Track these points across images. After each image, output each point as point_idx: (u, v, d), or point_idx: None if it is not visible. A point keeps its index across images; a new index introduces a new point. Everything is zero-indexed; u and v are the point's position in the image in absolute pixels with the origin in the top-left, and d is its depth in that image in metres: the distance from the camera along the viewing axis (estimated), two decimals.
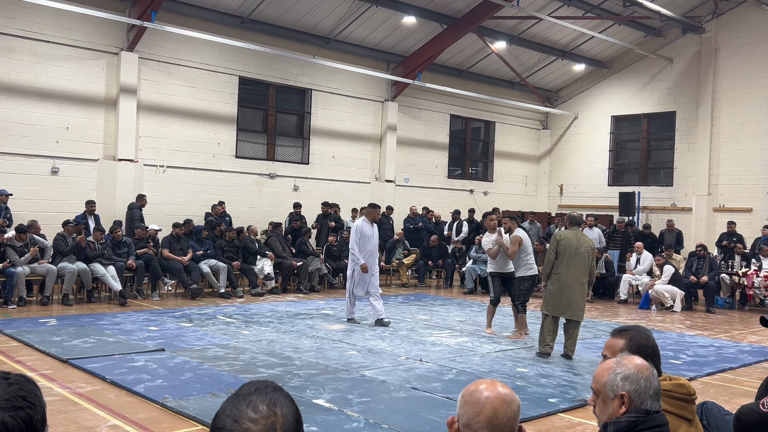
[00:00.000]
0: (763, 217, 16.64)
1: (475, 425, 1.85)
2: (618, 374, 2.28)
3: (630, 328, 2.90)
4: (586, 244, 7.83)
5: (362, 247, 9.73)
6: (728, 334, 10.38)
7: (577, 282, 7.75)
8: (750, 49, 17.27)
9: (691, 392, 2.65)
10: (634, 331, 2.86)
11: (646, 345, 2.76)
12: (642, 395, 2.24)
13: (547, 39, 18.24)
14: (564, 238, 7.84)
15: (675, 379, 2.67)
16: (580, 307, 7.79)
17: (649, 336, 2.84)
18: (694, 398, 2.67)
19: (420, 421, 5.34)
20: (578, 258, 7.73)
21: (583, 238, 7.91)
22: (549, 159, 21.43)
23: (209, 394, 5.83)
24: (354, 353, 7.77)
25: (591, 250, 7.86)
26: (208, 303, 11.43)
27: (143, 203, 13.01)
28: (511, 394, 1.88)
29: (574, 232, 7.92)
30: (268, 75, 15.45)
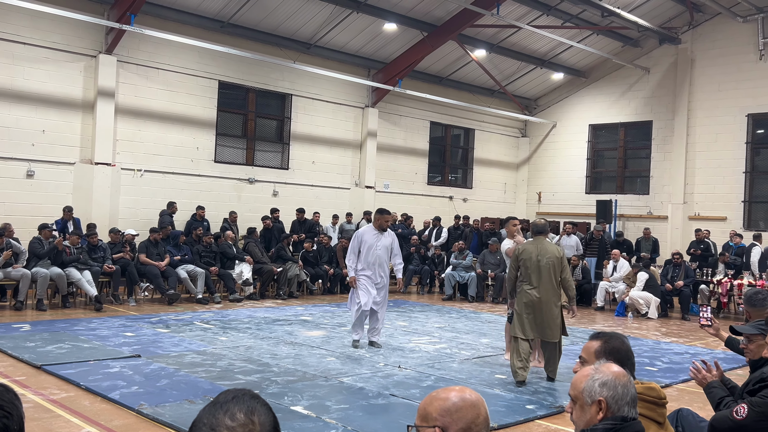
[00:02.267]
0: (737, 225, 16.90)
1: (475, 428, 1.85)
2: (596, 380, 2.31)
3: (607, 333, 2.96)
4: (548, 255, 7.00)
5: (363, 256, 8.50)
6: (703, 341, 10.50)
7: (544, 298, 6.96)
8: (725, 60, 17.55)
9: (662, 396, 2.69)
10: (609, 336, 2.92)
11: (620, 349, 2.81)
12: (619, 401, 2.26)
13: (526, 48, 18.39)
14: (524, 250, 7.11)
15: (646, 383, 2.71)
16: (551, 326, 7.00)
17: (624, 341, 2.88)
18: (664, 402, 2.71)
19: (398, 428, 5.34)
20: (541, 271, 6.97)
21: (545, 248, 7.08)
22: (527, 166, 21.58)
23: (186, 401, 5.77)
24: (332, 360, 7.74)
25: (556, 261, 7.00)
26: (185, 309, 11.33)
27: (174, 210, 13.47)
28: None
29: (536, 243, 7.13)
30: (248, 80, 15.40)
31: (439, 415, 1.85)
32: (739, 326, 3.46)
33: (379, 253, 8.52)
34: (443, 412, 1.86)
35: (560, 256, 7.08)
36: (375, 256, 8.50)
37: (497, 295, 14.40)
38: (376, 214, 8.77)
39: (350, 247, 8.65)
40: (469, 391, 1.94)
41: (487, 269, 14.65)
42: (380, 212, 8.78)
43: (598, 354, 2.83)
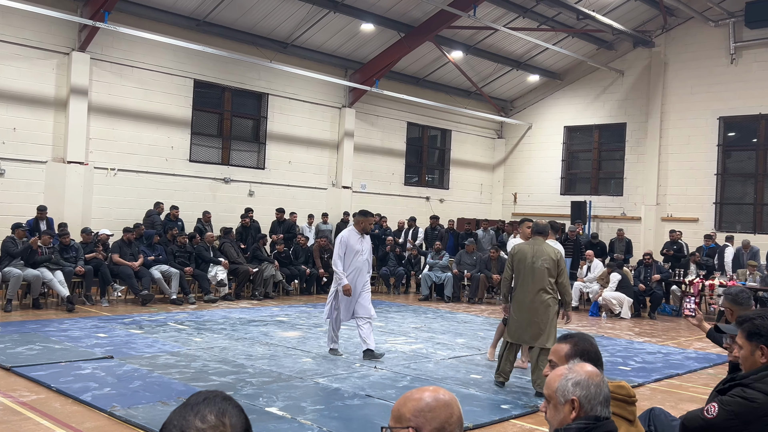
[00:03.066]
0: (708, 227, 17.15)
1: (449, 427, 1.85)
2: (569, 380, 2.32)
3: (575, 335, 2.99)
4: (544, 256, 6.72)
5: (348, 262, 7.91)
6: (675, 341, 10.64)
7: (537, 301, 6.68)
8: (697, 64, 17.81)
9: (631, 394, 2.72)
10: (578, 337, 2.94)
11: (590, 350, 2.83)
12: (592, 401, 2.28)
13: (502, 50, 18.50)
14: (519, 251, 6.86)
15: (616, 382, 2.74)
16: (544, 332, 6.62)
17: (593, 342, 2.91)
18: (634, 400, 2.74)
19: (374, 428, 5.33)
20: (535, 273, 6.70)
21: (542, 249, 6.80)
22: (503, 167, 21.71)
23: (159, 403, 5.71)
24: (308, 360, 7.71)
25: (552, 263, 6.70)
26: (159, 309, 11.21)
27: (161, 210, 13.48)
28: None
29: (532, 243, 6.87)
30: (224, 78, 15.30)
31: (413, 416, 1.85)
32: (723, 326, 3.50)
33: (364, 258, 8.01)
34: (417, 413, 1.85)
35: (557, 258, 6.76)
36: (360, 261, 7.96)
37: (473, 295, 14.46)
38: (359, 216, 8.21)
39: (336, 252, 7.95)
40: (442, 391, 1.94)
41: (463, 269, 14.70)
42: (363, 214, 8.22)
43: (567, 356, 2.85)
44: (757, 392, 2.78)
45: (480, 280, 14.43)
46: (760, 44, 16.74)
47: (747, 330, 3.02)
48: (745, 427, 2.76)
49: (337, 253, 7.96)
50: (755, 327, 2.98)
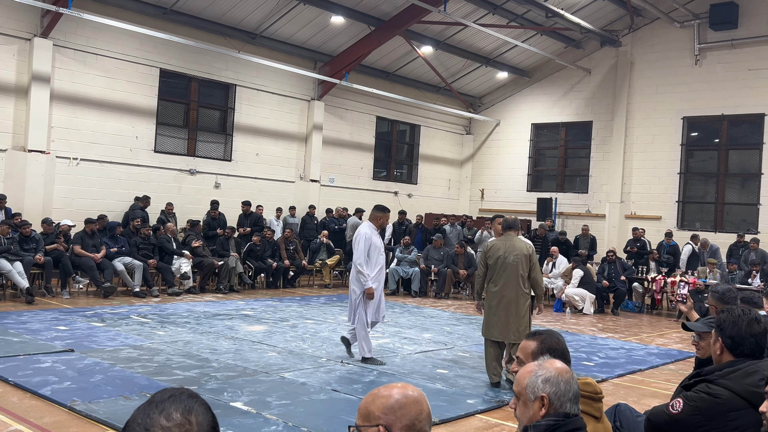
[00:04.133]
0: (671, 225, 17.46)
1: (419, 424, 1.83)
2: (539, 377, 2.32)
3: (542, 332, 2.99)
4: (516, 252, 6.70)
5: (373, 261, 7.40)
6: (637, 337, 10.81)
7: (511, 297, 6.68)
8: (662, 64, 18.09)
9: (598, 390, 2.74)
10: (546, 334, 2.94)
11: (557, 348, 2.84)
12: (561, 398, 2.28)
13: (472, 46, 18.56)
14: (491, 247, 6.84)
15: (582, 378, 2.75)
16: (517, 327, 6.65)
17: (560, 339, 2.92)
18: (600, 396, 2.75)
19: (340, 423, 5.30)
20: (508, 269, 6.68)
21: (514, 244, 6.77)
22: (471, 163, 21.81)
23: (121, 397, 5.61)
24: (274, 355, 7.65)
25: (524, 258, 6.70)
26: (122, 302, 11.02)
27: (147, 204, 13.40)
28: None
29: (504, 240, 6.83)
30: (191, 68, 15.07)
31: (382, 414, 1.82)
32: (689, 323, 3.54)
33: (383, 256, 7.63)
34: (386, 410, 1.83)
35: (528, 253, 6.75)
36: (382, 260, 7.54)
37: (440, 290, 14.51)
38: (378, 212, 7.66)
39: (362, 251, 7.32)
40: (411, 387, 1.92)
41: (430, 264, 14.74)
42: (382, 210, 7.70)
43: (534, 354, 2.86)
44: (722, 388, 2.82)
45: (447, 275, 14.48)
46: (723, 46, 17.06)
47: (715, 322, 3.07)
48: (708, 422, 2.80)
49: (363, 252, 7.34)
50: (718, 320, 3.03)
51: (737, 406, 2.77)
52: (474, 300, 7.13)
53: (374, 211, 7.71)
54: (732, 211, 17.42)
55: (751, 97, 16.67)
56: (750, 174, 17.12)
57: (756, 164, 16.80)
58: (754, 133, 16.92)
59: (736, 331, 2.92)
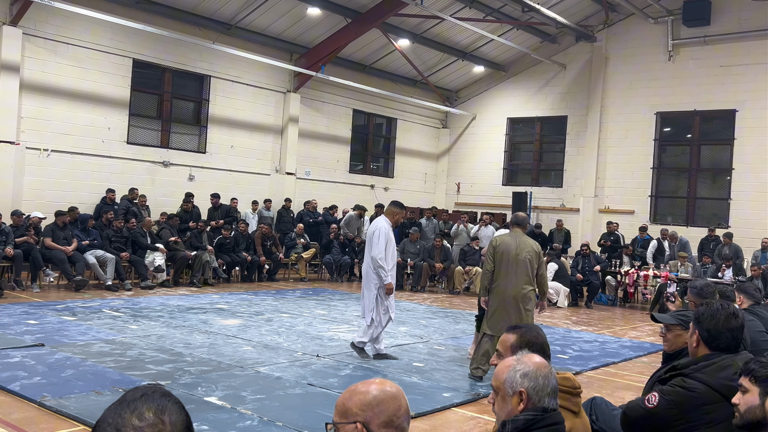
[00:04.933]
0: (644, 219, 17.66)
1: (398, 420, 1.80)
2: (517, 371, 2.32)
3: (522, 326, 2.99)
4: (528, 249, 6.66)
5: (388, 256, 7.34)
6: (611, 329, 10.92)
7: (522, 294, 6.61)
8: (636, 60, 18.25)
9: (576, 385, 2.74)
10: (525, 328, 2.94)
11: (535, 342, 2.84)
12: (540, 392, 2.27)
13: (448, 39, 18.55)
14: (501, 243, 6.69)
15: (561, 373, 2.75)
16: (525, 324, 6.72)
17: (539, 333, 2.92)
18: (579, 391, 2.76)
19: (315, 417, 5.27)
20: (519, 266, 6.61)
21: (524, 241, 6.72)
22: (448, 157, 21.84)
23: (92, 392, 5.52)
24: (249, 349, 7.59)
25: (535, 255, 6.69)
26: (94, 296, 10.86)
27: (134, 195, 13.35)
28: None
29: (514, 236, 6.76)
30: (165, 59, 14.86)
31: (360, 410, 1.80)
32: (658, 315, 3.56)
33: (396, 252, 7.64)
34: (364, 407, 1.80)
35: (538, 250, 6.77)
36: (396, 256, 7.62)
37: (416, 283, 14.52)
38: (396, 208, 7.60)
39: (381, 247, 7.21)
40: (389, 383, 1.90)
41: (407, 258, 14.74)
42: (400, 206, 7.67)
43: (514, 347, 2.85)
44: (697, 382, 2.84)
45: (423, 268, 14.50)
46: (696, 42, 17.26)
47: (693, 315, 3.09)
48: (684, 416, 2.82)
49: (383, 246, 7.25)
50: (696, 313, 3.05)
51: (712, 400, 2.80)
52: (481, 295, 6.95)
53: (392, 207, 7.63)
54: (703, 206, 17.66)
55: (723, 93, 16.89)
56: (721, 169, 17.37)
57: (727, 159, 17.05)
58: (726, 129, 17.16)
59: (714, 324, 2.94)
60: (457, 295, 14.16)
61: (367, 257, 7.40)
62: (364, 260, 7.55)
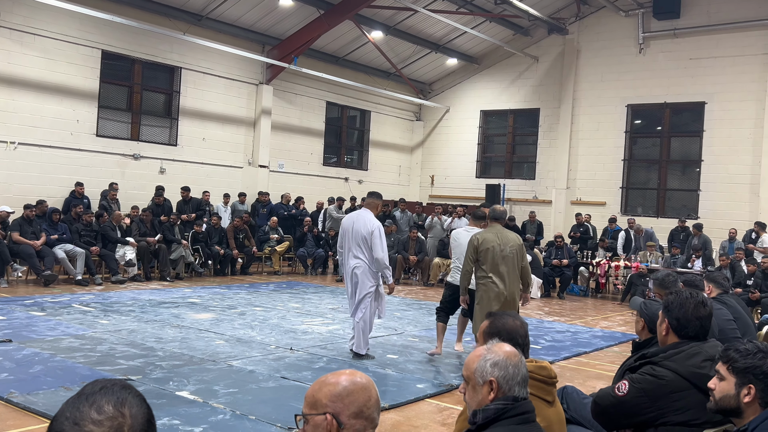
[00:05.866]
0: (615, 210, 17.85)
1: (367, 410, 1.79)
2: (488, 361, 2.32)
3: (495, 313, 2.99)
4: (511, 243, 6.47)
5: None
6: (582, 320, 11.03)
7: (511, 289, 6.43)
8: (608, 52, 18.40)
9: (552, 375, 2.75)
10: (495, 317, 2.95)
11: (502, 329, 2.83)
12: (510, 381, 2.27)
13: (422, 32, 18.53)
14: (483, 240, 6.43)
15: (537, 362, 2.76)
16: None
17: (512, 320, 2.90)
18: (554, 381, 2.77)
19: (289, 410, 5.24)
20: (506, 261, 6.41)
21: (507, 236, 6.53)
22: (422, 150, 21.85)
23: (62, 388, 5.43)
24: (221, 343, 7.52)
25: (519, 248, 6.52)
26: (63, 291, 10.69)
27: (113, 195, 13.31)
28: None
29: (495, 231, 6.53)
30: (134, 50, 14.63)
31: (330, 401, 1.78)
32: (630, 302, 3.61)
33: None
34: (334, 398, 1.78)
35: (521, 243, 6.64)
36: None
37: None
38: (376, 199, 7.26)
39: (384, 245, 6.95)
40: (359, 374, 1.88)
41: None
42: (378, 196, 7.31)
43: (485, 334, 2.85)
44: (666, 370, 2.87)
45: (397, 261, 14.51)
46: (666, 35, 17.44)
47: (663, 304, 3.12)
48: (653, 403, 2.85)
49: (386, 247, 7.00)
50: (666, 302, 3.08)
51: (680, 387, 2.82)
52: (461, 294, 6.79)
53: (373, 198, 7.22)
54: (673, 197, 17.90)
55: (693, 85, 17.11)
56: (691, 161, 17.61)
57: (696, 151, 17.29)
58: (695, 121, 17.39)
59: (683, 313, 2.97)
60: (431, 287, 14.19)
61: (361, 254, 6.93)
62: (353, 255, 6.99)
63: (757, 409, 2.38)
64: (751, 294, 11.11)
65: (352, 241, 7.00)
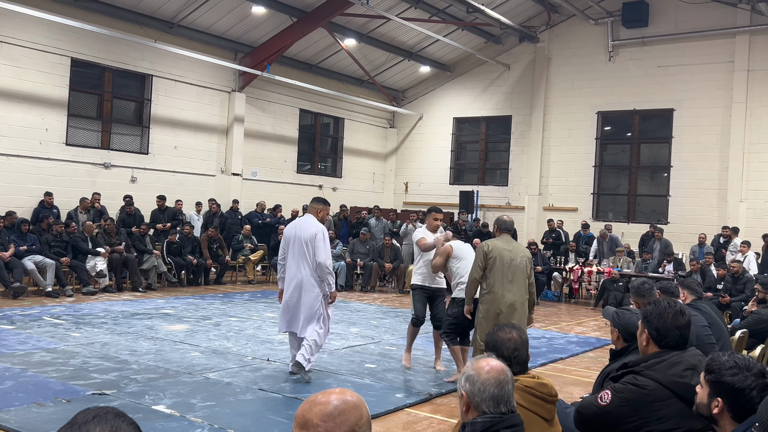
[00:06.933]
0: (586, 216, 18.05)
1: (359, 429, 1.78)
2: (464, 374, 2.36)
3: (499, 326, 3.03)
4: (521, 254, 6.28)
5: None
6: (557, 325, 11.12)
7: (518, 302, 6.17)
8: (578, 60, 18.63)
9: (553, 393, 2.75)
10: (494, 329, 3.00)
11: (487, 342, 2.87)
12: (476, 397, 2.30)
13: (395, 39, 18.59)
14: (493, 248, 6.21)
15: (540, 379, 2.75)
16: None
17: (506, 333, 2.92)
18: (554, 399, 2.75)
19: (268, 423, 5.20)
20: (517, 273, 6.19)
21: (516, 247, 6.36)
22: (395, 157, 21.89)
23: (34, 404, 5.32)
24: (197, 355, 7.44)
25: (528, 261, 6.32)
26: (33, 303, 10.48)
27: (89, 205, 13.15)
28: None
29: (505, 241, 6.33)
30: (105, 58, 14.45)
31: (321, 421, 1.76)
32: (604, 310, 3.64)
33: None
34: (325, 417, 1.77)
35: (530, 257, 6.44)
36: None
37: (366, 283, 14.51)
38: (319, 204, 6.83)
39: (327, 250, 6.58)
40: (349, 392, 1.87)
41: (356, 258, 14.71)
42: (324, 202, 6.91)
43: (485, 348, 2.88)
44: (648, 379, 2.90)
45: (373, 268, 14.50)
46: (635, 43, 17.73)
47: (641, 314, 3.16)
48: (636, 413, 2.87)
49: (329, 251, 6.62)
50: (645, 312, 3.11)
51: (662, 396, 2.86)
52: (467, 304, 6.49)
53: (316, 204, 6.79)
54: (643, 202, 18.16)
55: (661, 92, 17.40)
56: (660, 167, 17.89)
57: (666, 157, 17.57)
58: (664, 128, 17.68)
59: (662, 323, 3.01)
60: (407, 295, 14.19)
61: (305, 264, 6.49)
62: (296, 266, 6.54)
63: (730, 421, 2.43)
64: (722, 298, 11.31)
65: (296, 249, 6.54)
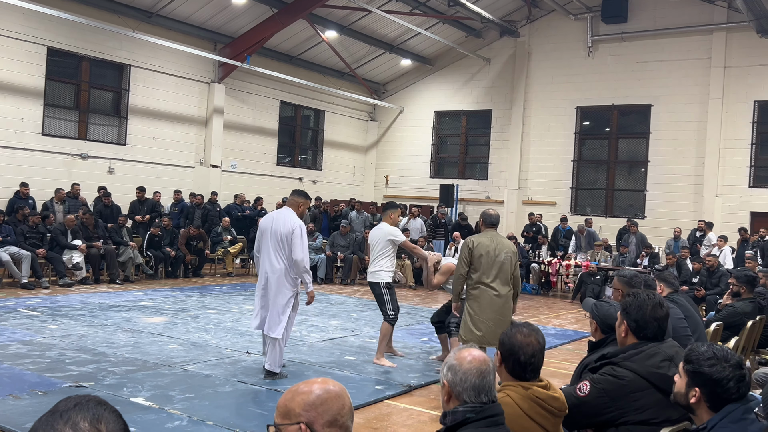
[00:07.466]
0: (565, 210, 18.19)
1: (341, 419, 1.78)
2: (446, 364, 2.37)
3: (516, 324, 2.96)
4: (506, 249, 6.21)
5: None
6: (535, 318, 11.20)
7: (505, 297, 6.13)
8: (558, 55, 18.73)
9: (563, 408, 2.72)
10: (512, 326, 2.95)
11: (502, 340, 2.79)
12: (457, 387, 2.31)
13: (376, 32, 18.55)
14: (479, 243, 6.17)
15: (553, 390, 2.71)
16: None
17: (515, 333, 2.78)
18: (563, 413, 2.73)
19: (247, 415, 5.19)
20: (502, 267, 6.13)
21: (501, 241, 6.28)
22: (376, 150, 21.88)
23: (10, 396, 5.25)
24: (176, 347, 7.39)
25: (513, 256, 6.26)
26: (8, 295, 10.34)
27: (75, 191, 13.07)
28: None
29: (490, 236, 6.28)
30: (82, 47, 14.26)
31: (303, 410, 1.76)
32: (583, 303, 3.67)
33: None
34: (307, 407, 1.77)
35: (515, 251, 6.37)
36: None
37: (346, 276, 14.51)
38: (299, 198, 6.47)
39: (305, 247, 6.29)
40: (331, 382, 1.87)
41: (336, 251, 14.70)
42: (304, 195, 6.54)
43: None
44: (626, 370, 2.94)
45: (353, 261, 14.50)
46: (614, 39, 17.86)
47: (620, 306, 3.20)
48: (614, 403, 2.91)
49: (306, 248, 6.29)
50: (624, 304, 3.15)
51: (640, 387, 2.90)
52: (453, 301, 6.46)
53: (296, 197, 6.46)
54: (621, 197, 18.34)
55: (639, 88, 17.56)
56: (638, 161, 18.07)
57: (643, 152, 17.75)
58: (642, 123, 17.85)
59: (641, 315, 3.04)
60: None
61: (280, 258, 6.20)
62: (270, 260, 6.24)
63: (706, 411, 2.46)
64: (697, 291, 11.47)
65: (270, 242, 6.23)
